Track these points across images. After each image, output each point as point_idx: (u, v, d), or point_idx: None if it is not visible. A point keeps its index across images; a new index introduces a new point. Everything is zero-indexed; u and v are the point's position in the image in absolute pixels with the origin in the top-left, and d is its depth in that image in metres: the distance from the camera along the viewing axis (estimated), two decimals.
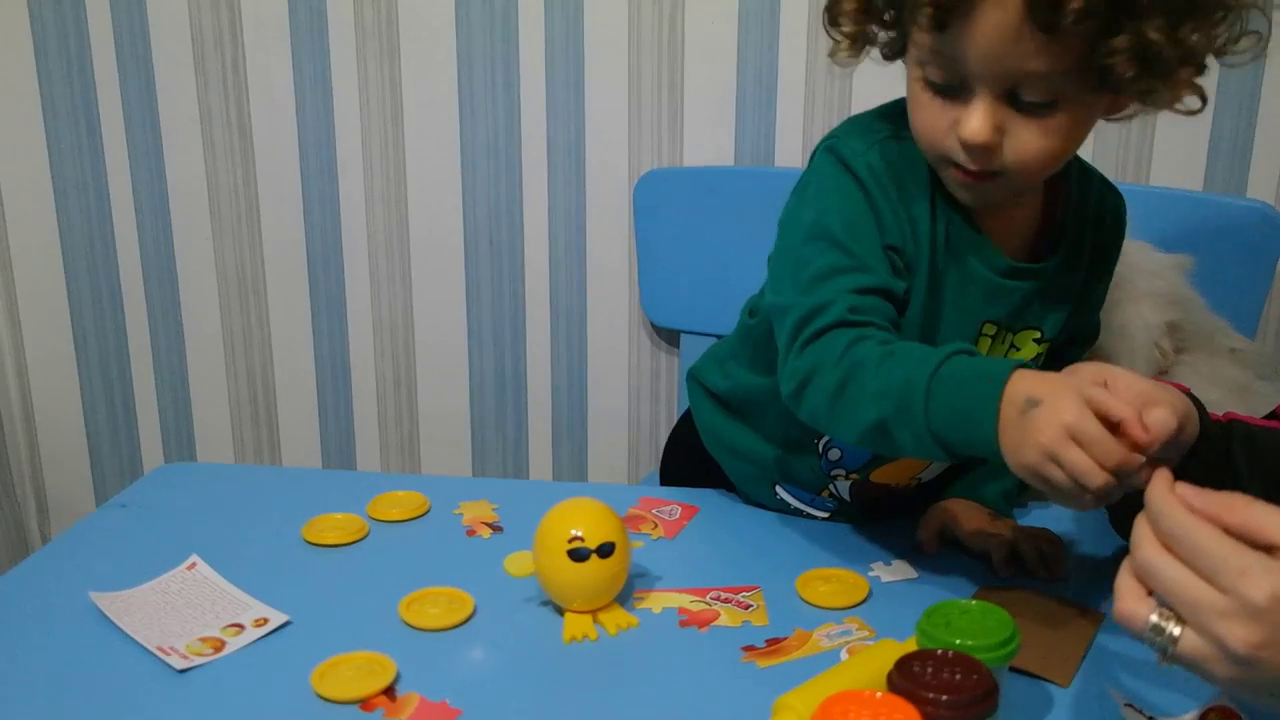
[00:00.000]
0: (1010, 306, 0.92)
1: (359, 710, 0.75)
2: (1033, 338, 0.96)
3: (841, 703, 0.62)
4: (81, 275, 1.88)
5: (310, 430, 1.91)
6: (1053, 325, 0.96)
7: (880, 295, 0.87)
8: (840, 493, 1.03)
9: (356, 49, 1.70)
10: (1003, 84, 0.79)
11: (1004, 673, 0.70)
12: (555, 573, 0.85)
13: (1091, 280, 1.00)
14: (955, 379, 0.77)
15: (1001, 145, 0.82)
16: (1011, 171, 0.83)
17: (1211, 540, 0.61)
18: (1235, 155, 1.60)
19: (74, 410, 1.95)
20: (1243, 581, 0.58)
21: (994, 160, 0.83)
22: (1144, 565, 0.63)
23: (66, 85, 1.78)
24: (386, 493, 1.06)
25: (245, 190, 1.79)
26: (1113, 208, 1.00)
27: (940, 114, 0.83)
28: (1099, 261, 1.00)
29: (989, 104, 0.80)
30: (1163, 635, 0.61)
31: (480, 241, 1.76)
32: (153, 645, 0.81)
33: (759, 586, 0.91)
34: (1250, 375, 1.37)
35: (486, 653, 0.82)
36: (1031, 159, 0.82)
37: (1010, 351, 0.95)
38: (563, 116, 1.68)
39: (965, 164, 0.84)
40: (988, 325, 0.93)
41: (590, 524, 0.85)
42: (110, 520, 1.03)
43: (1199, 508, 0.63)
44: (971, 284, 0.91)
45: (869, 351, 0.82)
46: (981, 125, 0.80)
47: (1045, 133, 0.81)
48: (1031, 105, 0.80)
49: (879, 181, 0.88)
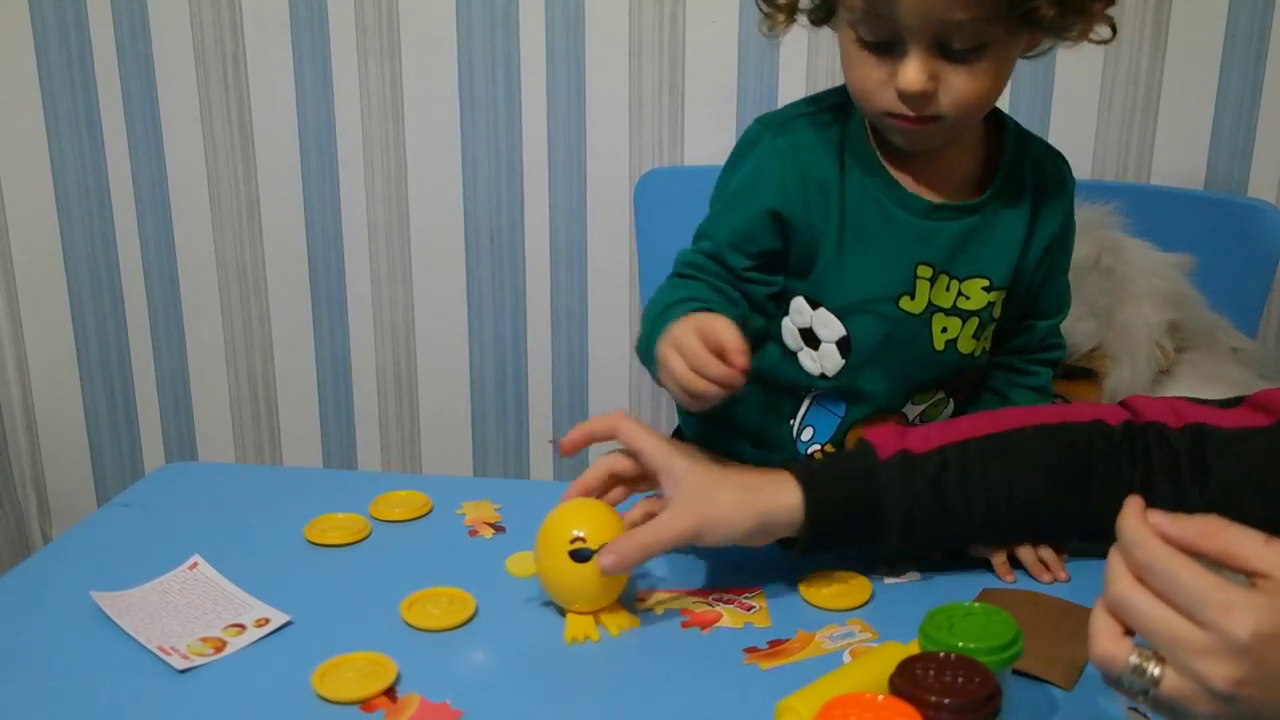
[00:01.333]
0: (942, 248, 0.97)
1: (360, 711, 0.75)
2: (981, 285, 0.99)
3: (843, 705, 0.62)
4: (82, 273, 1.88)
5: (311, 430, 1.91)
6: (1001, 273, 0.99)
7: (714, 259, 0.99)
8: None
9: (357, 47, 1.70)
10: (933, 35, 0.86)
11: (1007, 675, 0.70)
12: (557, 573, 0.85)
13: (1037, 238, 1.00)
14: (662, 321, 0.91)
15: (936, 92, 0.88)
16: (948, 115, 0.90)
17: (1190, 574, 0.58)
18: (1236, 154, 1.60)
19: (75, 409, 1.96)
20: (1226, 618, 0.56)
21: (931, 106, 0.89)
22: (1119, 601, 0.61)
23: (67, 83, 1.78)
24: (388, 492, 1.06)
25: (246, 188, 1.79)
26: (1054, 167, 1.03)
27: (876, 69, 0.89)
28: (1048, 225, 1.01)
29: (922, 55, 0.86)
30: (1144, 676, 0.59)
31: (481, 241, 1.76)
32: (154, 645, 0.81)
33: (760, 588, 0.91)
34: (1251, 374, 1.37)
35: (488, 654, 0.82)
36: (966, 101, 0.89)
37: (960, 299, 0.99)
38: (563, 116, 1.68)
39: (905, 112, 0.90)
40: (922, 267, 0.97)
41: (592, 525, 0.85)
42: (112, 520, 1.03)
43: (1174, 536, 0.60)
44: (896, 228, 0.96)
45: (669, 290, 0.98)
46: (917, 75, 0.87)
47: (975, 76, 0.88)
48: (961, 52, 0.86)
49: (779, 156, 0.97)
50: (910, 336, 0.98)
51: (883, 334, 0.98)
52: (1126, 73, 1.59)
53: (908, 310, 0.98)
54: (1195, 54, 1.57)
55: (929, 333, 0.99)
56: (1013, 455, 0.89)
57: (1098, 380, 1.30)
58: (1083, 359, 1.29)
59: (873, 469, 0.88)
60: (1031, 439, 0.90)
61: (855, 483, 0.88)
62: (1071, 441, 0.90)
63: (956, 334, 0.99)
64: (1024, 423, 0.91)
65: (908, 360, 0.99)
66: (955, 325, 0.99)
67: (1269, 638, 0.56)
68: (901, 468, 0.88)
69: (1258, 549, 0.59)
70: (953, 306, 0.99)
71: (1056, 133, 1.62)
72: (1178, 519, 0.61)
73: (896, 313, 0.97)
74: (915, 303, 0.98)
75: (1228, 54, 1.56)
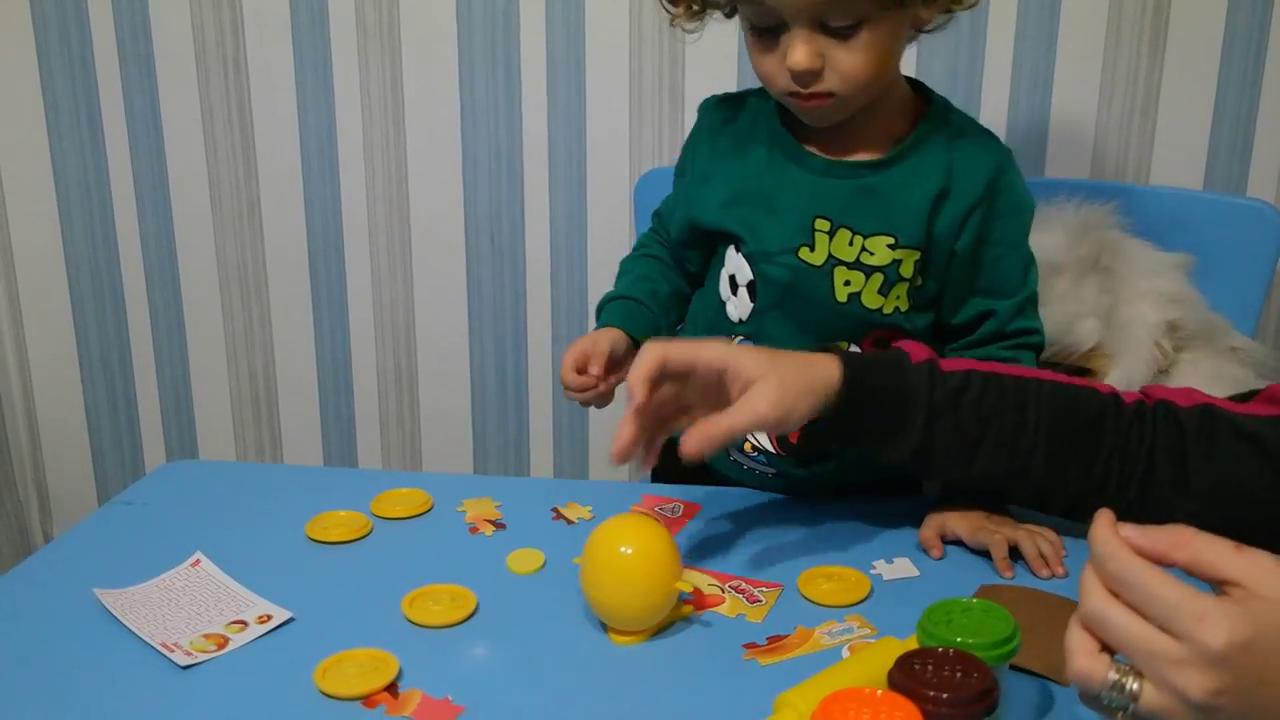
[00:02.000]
0: (837, 203, 1.04)
1: (361, 707, 0.76)
2: (886, 243, 1.04)
3: (842, 700, 0.62)
4: (84, 273, 1.88)
5: (312, 429, 1.91)
6: (909, 233, 1.03)
7: (675, 210, 1.17)
8: (759, 440, 1.10)
9: (358, 47, 1.70)
10: (811, 15, 0.94)
11: (1004, 671, 0.70)
12: (604, 595, 0.83)
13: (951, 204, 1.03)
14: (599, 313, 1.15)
15: (824, 69, 0.97)
16: (840, 91, 0.98)
17: (1164, 585, 0.58)
18: (1235, 154, 1.60)
19: (76, 408, 1.96)
20: (1200, 628, 0.56)
21: (822, 84, 0.97)
22: (1093, 615, 0.60)
23: (68, 83, 1.78)
24: (390, 490, 1.06)
25: (247, 188, 1.80)
26: (978, 142, 1.06)
27: (770, 54, 0.98)
28: (964, 192, 1.03)
29: (805, 34, 0.95)
30: (1124, 692, 0.59)
31: (481, 241, 1.77)
32: (156, 642, 0.82)
33: (781, 585, 0.91)
34: (1251, 374, 1.37)
35: (489, 650, 0.83)
36: (852, 76, 0.97)
37: (864, 254, 1.04)
38: (564, 116, 1.69)
39: (800, 91, 0.98)
40: (820, 220, 1.04)
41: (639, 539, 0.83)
42: (114, 518, 1.03)
43: (1145, 548, 0.60)
44: (798, 187, 1.05)
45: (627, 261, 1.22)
46: (803, 54, 0.95)
47: (858, 51, 0.96)
48: (841, 29, 0.95)
49: (713, 130, 1.11)
50: (812, 286, 1.05)
51: (785, 282, 1.05)
52: (1126, 73, 1.59)
53: (808, 261, 1.05)
54: (1195, 54, 1.57)
55: (830, 284, 1.05)
56: (1027, 401, 0.90)
57: (1097, 379, 1.30)
58: (1083, 358, 1.29)
59: (902, 364, 0.91)
60: (1049, 392, 0.91)
61: (886, 370, 0.91)
62: (1086, 402, 0.91)
63: (860, 288, 1.05)
64: (1047, 377, 0.93)
65: (812, 309, 1.06)
66: (858, 279, 1.04)
67: (1244, 646, 0.56)
68: (929, 373, 0.90)
69: (1227, 557, 0.59)
70: (856, 261, 1.04)
71: (1056, 132, 1.62)
72: (1148, 530, 0.61)
73: (797, 263, 1.05)
74: (815, 254, 1.04)
75: (1227, 54, 1.57)
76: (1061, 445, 0.90)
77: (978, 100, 1.59)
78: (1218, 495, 0.90)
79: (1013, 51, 1.58)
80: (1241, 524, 0.93)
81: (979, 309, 1.07)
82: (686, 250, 1.17)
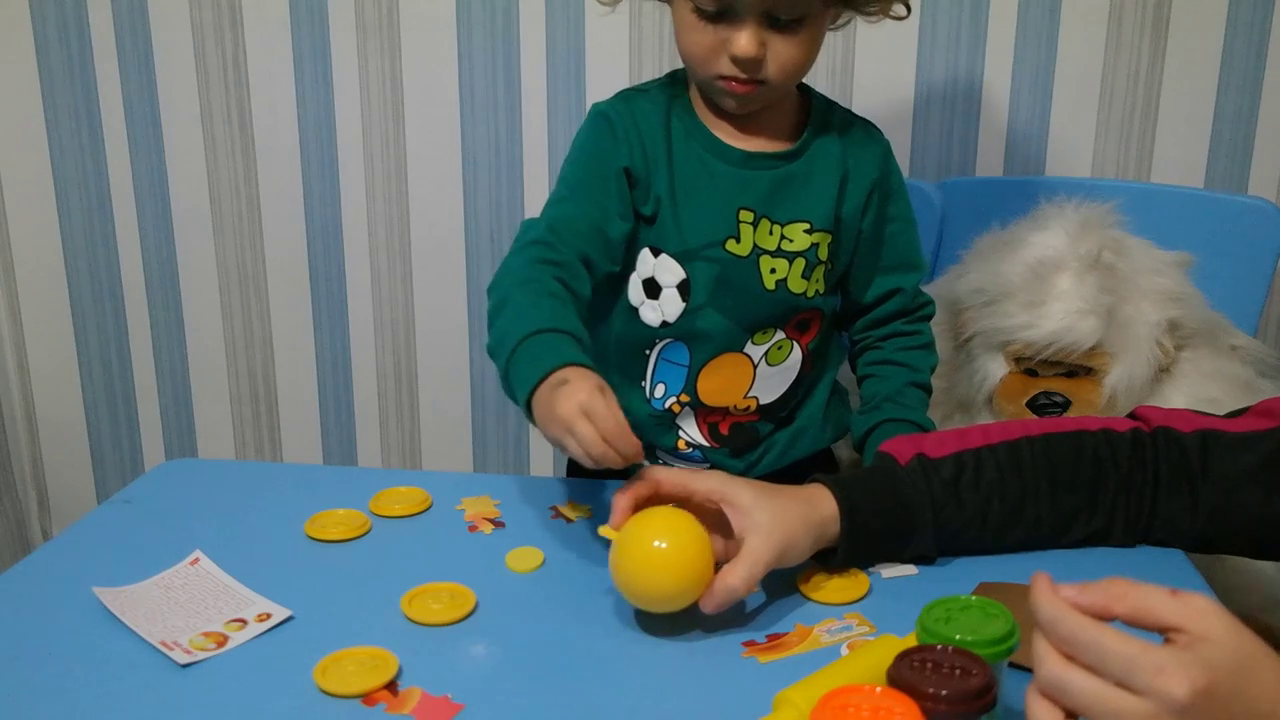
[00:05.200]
0: (759, 193, 1.06)
1: (361, 705, 0.75)
2: (803, 229, 1.08)
3: (841, 697, 0.62)
4: (83, 272, 1.88)
5: (311, 428, 1.91)
6: (820, 216, 1.08)
7: (580, 219, 1.05)
8: (692, 436, 1.12)
9: (358, 47, 1.70)
10: (763, 7, 0.97)
11: (1003, 668, 0.70)
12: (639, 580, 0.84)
13: (853, 186, 1.09)
14: (531, 351, 0.90)
15: (765, 58, 1.00)
16: (773, 80, 1.01)
17: (1116, 641, 0.58)
18: (1236, 153, 1.60)
19: (75, 408, 1.96)
20: (1160, 680, 0.56)
21: (759, 71, 1.00)
22: (1053, 682, 0.60)
23: (68, 83, 1.78)
24: (389, 488, 1.06)
25: (246, 188, 1.80)
26: (862, 128, 1.12)
27: (710, 37, 1.00)
28: (862, 173, 1.10)
29: (754, 25, 0.98)
30: None
31: (481, 240, 1.77)
32: (156, 640, 0.82)
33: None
34: (1252, 372, 1.37)
35: (488, 648, 0.83)
36: (789, 67, 1.01)
37: (784, 242, 1.07)
38: (564, 115, 1.69)
39: (737, 75, 1.01)
40: (743, 212, 1.06)
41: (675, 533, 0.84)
42: (113, 516, 1.03)
43: (1086, 605, 0.60)
44: (718, 178, 1.07)
45: (523, 292, 0.97)
46: (750, 43, 0.98)
47: (796, 44, 1.00)
48: (786, 23, 0.98)
49: (616, 121, 1.07)
50: (741, 277, 1.07)
51: (714, 276, 1.07)
52: (1126, 73, 1.59)
53: (735, 252, 1.06)
54: (1195, 54, 1.57)
55: (758, 273, 1.07)
56: (1023, 465, 0.93)
57: (1098, 378, 1.30)
58: (1083, 357, 1.29)
59: (893, 472, 0.92)
60: (1042, 449, 0.93)
61: (877, 480, 0.92)
62: (1081, 450, 0.93)
63: (785, 274, 1.08)
64: (1035, 432, 0.94)
65: (742, 299, 1.07)
66: (783, 266, 1.08)
67: (1205, 692, 0.56)
68: (922, 472, 0.92)
69: (1166, 603, 0.59)
70: (777, 249, 1.07)
71: (1056, 132, 1.62)
72: (1085, 588, 0.61)
73: (725, 255, 1.06)
74: (741, 246, 1.06)
75: (1228, 54, 1.57)
76: (1065, 496, 0.93)
77: (978, 100, 1.59)
78: (1225, 514, 0.92)
79: (1013, 51, 1.58)
80: (1248, 540, 0.95)
81: (886, 287, 1.14)
82: (583, 269, 1.04)
